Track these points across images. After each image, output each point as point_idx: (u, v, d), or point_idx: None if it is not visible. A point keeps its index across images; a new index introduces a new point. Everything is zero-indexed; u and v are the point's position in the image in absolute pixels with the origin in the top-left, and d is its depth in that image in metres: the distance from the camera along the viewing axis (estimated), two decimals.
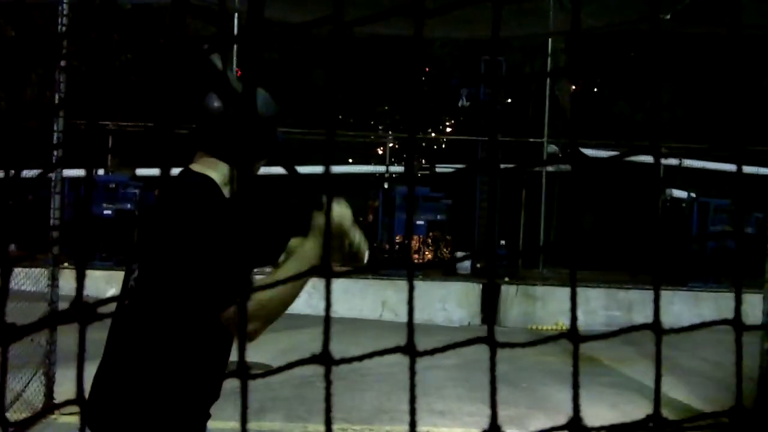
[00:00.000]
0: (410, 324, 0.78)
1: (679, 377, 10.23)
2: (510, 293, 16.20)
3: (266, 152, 3.16)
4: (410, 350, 0.78)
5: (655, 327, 0.98)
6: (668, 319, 0.89)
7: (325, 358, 0.75)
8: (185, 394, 3.01)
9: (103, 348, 3.06)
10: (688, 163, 18.08)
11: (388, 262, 17.56)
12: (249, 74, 0.93)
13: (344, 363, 0.77)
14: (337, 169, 18.05)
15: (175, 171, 3.22)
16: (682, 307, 15.54)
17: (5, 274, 0.93)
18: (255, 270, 2.87)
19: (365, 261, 3.24)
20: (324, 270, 0.79)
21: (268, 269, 3.10)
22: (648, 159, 0.98)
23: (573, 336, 0.96)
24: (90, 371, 2.92)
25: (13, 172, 1.00)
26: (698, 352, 11.78)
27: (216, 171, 3.08)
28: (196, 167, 3.12)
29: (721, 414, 0.99)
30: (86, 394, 1.05)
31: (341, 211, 3.00)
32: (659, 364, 0.99)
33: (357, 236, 3.07)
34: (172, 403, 2.98)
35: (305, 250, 2.94)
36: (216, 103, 3.13)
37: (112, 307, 0.86)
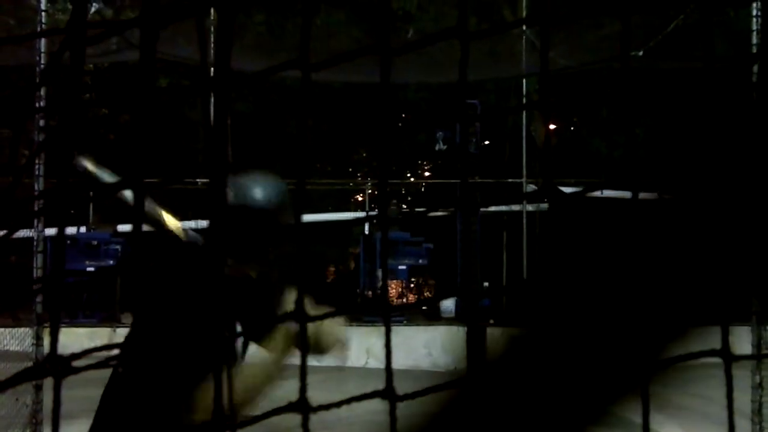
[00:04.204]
0: (388, 367, 0.77)
1: (670, 414, 10.15)
2: (495, 335, 16.07)
3: (272, 242, 3.17)
4: (389, 395, 0.77)
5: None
6: None
7: (301, 406, 0.73)
8: None
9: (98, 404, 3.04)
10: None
11: (365, 306, 17.45)
12: (218, 125, 0.93)
13: (322, 410, 0.75)
14: (315, 217, 18.01)
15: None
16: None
17: None
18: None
19: (345, 345, 3.26)
20: (299, 314, 0.78)
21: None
22: (626, 194, 0.97)
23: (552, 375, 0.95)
24: (82, 428, 2.89)
25: None
26: (688, 388, 11.67)
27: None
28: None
29: None
30: None
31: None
32: (647, 400, 0.97)
33: (322, 328, 3.09)
34: None
35: (264, 360, 2.98)
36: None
37: (88, 360, 0.85)
